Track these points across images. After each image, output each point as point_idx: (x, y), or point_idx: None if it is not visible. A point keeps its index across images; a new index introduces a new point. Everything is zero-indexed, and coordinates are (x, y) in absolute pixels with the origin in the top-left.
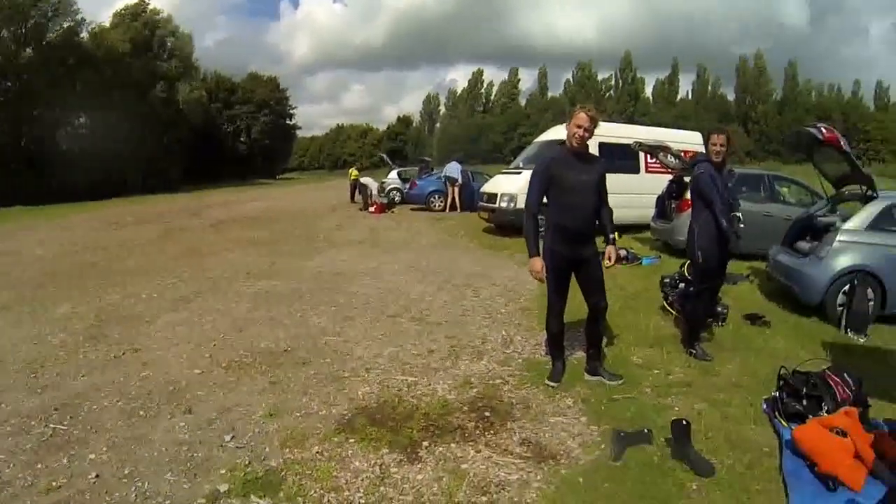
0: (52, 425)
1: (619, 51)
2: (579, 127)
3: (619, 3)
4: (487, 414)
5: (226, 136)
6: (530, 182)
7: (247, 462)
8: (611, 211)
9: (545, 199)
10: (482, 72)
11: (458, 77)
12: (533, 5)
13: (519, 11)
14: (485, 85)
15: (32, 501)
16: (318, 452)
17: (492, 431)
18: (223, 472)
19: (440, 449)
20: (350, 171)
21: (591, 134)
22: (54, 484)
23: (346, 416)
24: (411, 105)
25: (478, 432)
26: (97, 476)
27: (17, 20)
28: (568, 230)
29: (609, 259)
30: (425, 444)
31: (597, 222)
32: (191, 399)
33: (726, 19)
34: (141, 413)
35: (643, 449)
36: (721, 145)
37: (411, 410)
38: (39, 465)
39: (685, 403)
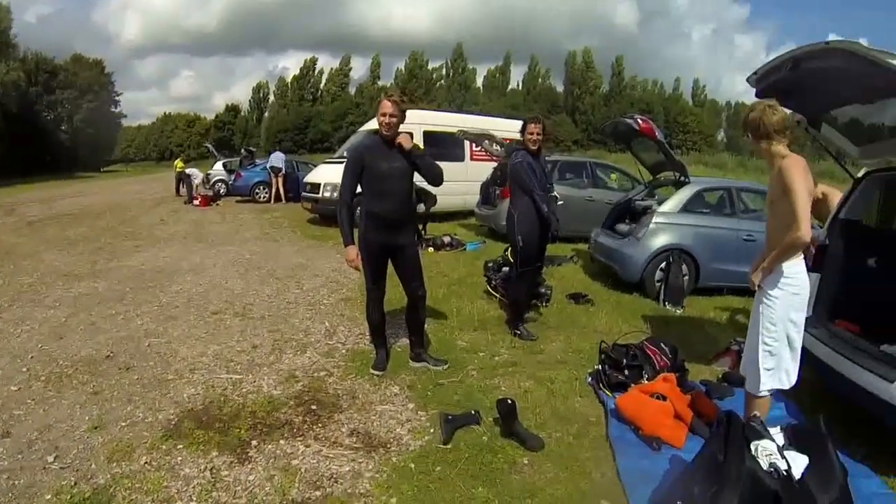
0: None
1: (454, 41)
2: (384, 115)
3: None
4: (314, 407)
5: (46, 123)
6: (343, 171)
7: (73, 483)
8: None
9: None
10: (315, 59)
11: (291, 65)
12: None
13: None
14: (316, 73)
15: None
16: (146, 463)
17: (320, 424)
18: (48, 497)
19: (269, 447)
20: (175, 162)
21: (400, 120)
22: None
23: (172, 421)
24: (240, 93)
25: (306, 426)
26: None
27: None
28: (382, 217)
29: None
30: (254, 443)
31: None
32: (7, 420)
33: (560, 16)
34: None
35: (472, 430)
36: (537, 134)
37: (238, 409)
38: None
39: (512, 383)
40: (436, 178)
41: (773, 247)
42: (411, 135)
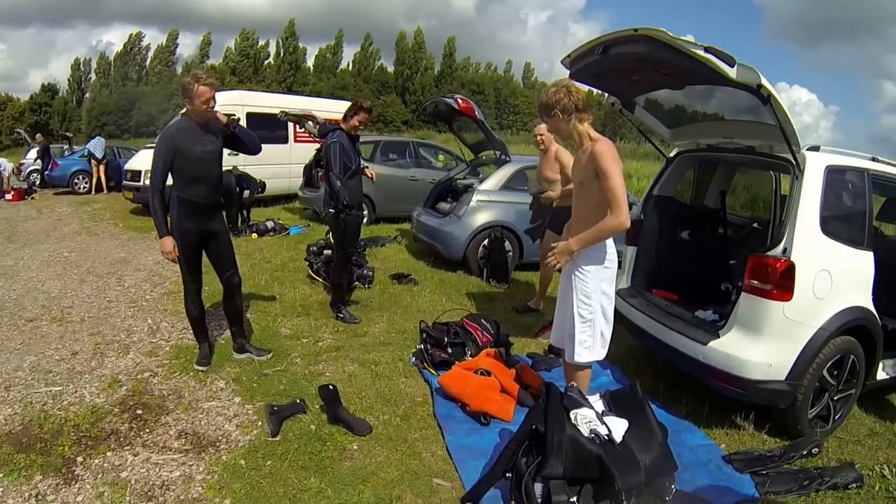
0: None
1: (284, 20)
2: (206, 101)
3: None
4: (140, 412)
5: None
6: (154, 157)
7: None
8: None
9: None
10: (140, 34)
11: (116, 40)
12: None
13: None
14: (141, 49)
15: None
16: None
17: (147, 430)
18: None
19: (96, 461)
20: (38, 136)
21: (216, 102)
22: None
23: None
24: (60, 71)
25: (133, 434)
26: None
27: None
28: (195, 203)
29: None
30: (80, 459)
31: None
32: None
33: None
34: None
35: (300, 419)
36: (362, 124)
37: (60, 425)
38: None
39: (336, 368)
40: (256, 146)
41: (584, 226)
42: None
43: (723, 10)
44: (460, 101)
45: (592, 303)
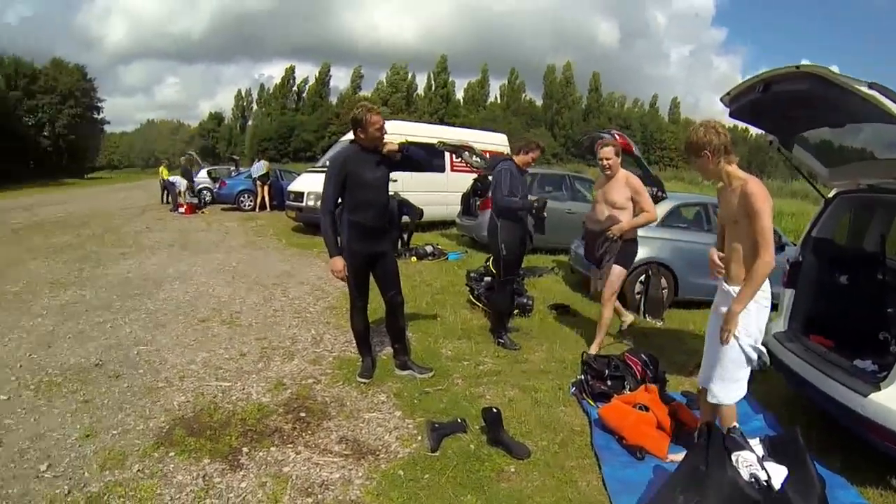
0: None
1: (436, 54)
2: (379, 128)
3: (440, 9)
4: (303, 414)
5: (26, 129)
6: (325, 181)
7: (66, 491)
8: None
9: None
10: (294, 68)
11: (276, 73)
12: (355, 4)
13: (340, 9)
14: (297, 82)
15: None
16: (139, 471)
17: (309, 432)
18: None
19: (260, 454)
20: (160, 169)
21: (386, 130)
22: None
23: (164, 429)
24: (226, 101)
25: (296, 433)
26: None
27: None
28: (365, 226)
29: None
30: (245, 450)
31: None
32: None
33: (542, 31)
34: None
35: (459, 438)
36: (534, 161)
37: (228, 417)
38: None
39: (496, 391)
40: (427, 163)
41: (739, 265)
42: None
43: (871, 39)
44: (617, 135)
45: (749, 341)
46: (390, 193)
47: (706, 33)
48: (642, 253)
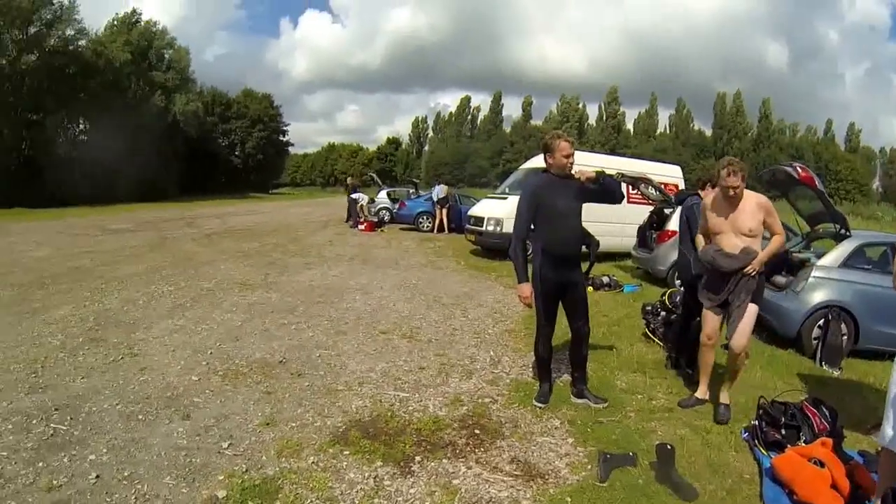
0: (52, 425)
1: (604, 84)
2: (567, 155)
3: (607, 38)
4: (477, 431)
5: (220, 149)
6: (518, 208)
7: (244, 469)
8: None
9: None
10: (469, 98)
11: (450, 102)
12: (525, 35)
13: (511, 40)
14: (472, 110)
15: (34, 499)
16: (313, 463)
17: (482, 449)
18: (221, 478)
19: (432, 464)
20: (349, 181)
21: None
22: (55, 483)
23: (340, 429)
24: (403, 127)
25: (468, 449)
26: (97, 477)
27: (18, 25)
28: (556, 255)
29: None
30: (418, 458)
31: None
32: (188, 405)
33: (709, 57)
34: (140, 417)
35: (628, 471)
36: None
37: (404, 425)
38: (41, 464)
39: (668, 428)
40: (620, 195)
41: None
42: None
43: None
44: (800, 170)
45: None
46: None
47: (883, 48)
48: (821, 296)
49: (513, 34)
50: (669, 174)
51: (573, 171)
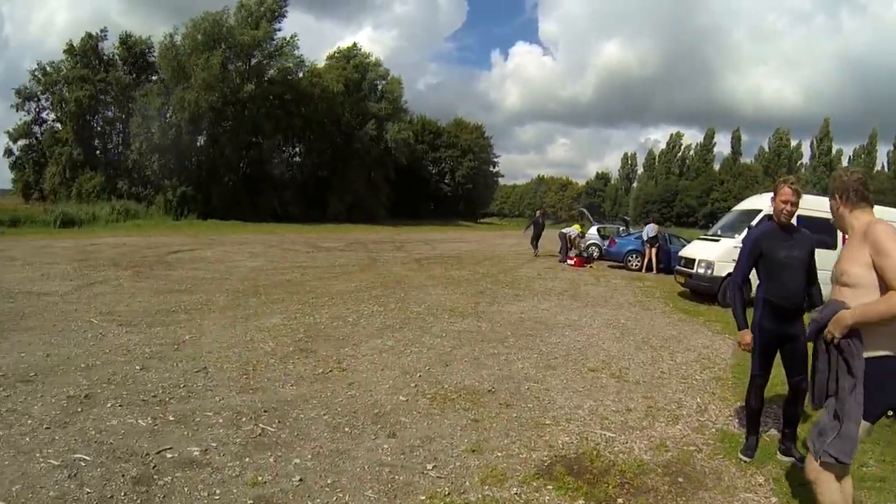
0: (261, 425)
1: (821, 116)
2: (786, 202)
3: (824, 67)
4: (681, 480)
5: (430, 176)
6: (739, 255)
7: (446, 492)
8: (819, 288)
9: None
10: (681, 135)
11: (660, 137)
12: (737, 67)
13: (723, 73)
14: (682, 147)
15: (238, 491)
16: (516, 493)
17: (684, 498)
18: (423, 498)
19: None
20: (538, 212)
21: (797, 207)
22: (259, 479)
23: (545, 463)
24: (612, 162)
25: (670, 497)
26: (301, 480)
27: (242, 58)
28: (778, 306)
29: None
30: (620, 500)
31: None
32: (395, 424)
33: None
34: (346, 429)
35: None
36: None
37: (608, 466)
38: (247, 459)
39: (878, 499)
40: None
41: None
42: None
43: None
44: None
45: None
46: None
47: None
48: None
49: (725, 67)
50: (888, 217)
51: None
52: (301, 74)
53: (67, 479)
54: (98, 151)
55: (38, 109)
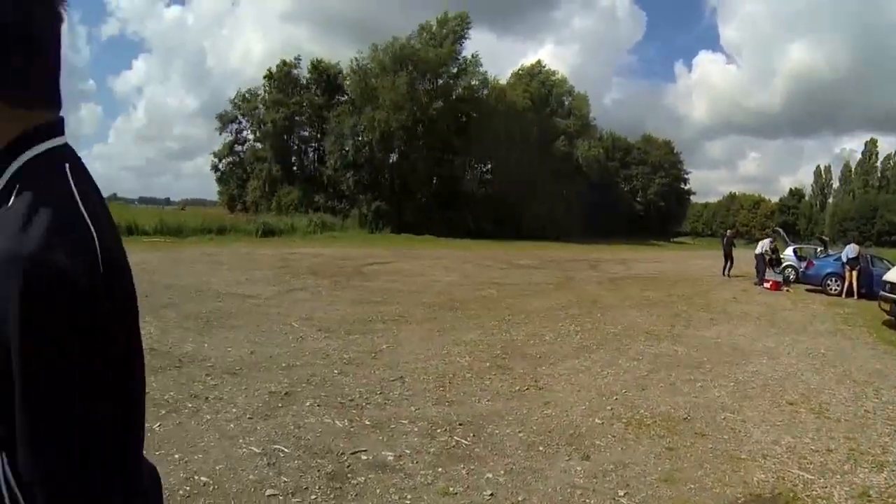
0: (455, 437)
1: None
2: None
3: None
4: None
5: (621, 194)
6: None
7: None
8: None
9: None
10: (875, 142)
11: (855, 146)
12: None
13: None
14: (880, 157)
15: (429, 498)
16: None
17: None
18: None
19: None
20: (728, 231)
21: None
22: (451, 489)
23: (739, 500)
24: (805, 176)
25: None
26: (492, 495)
27: (428, 78)
28: None
29: None
30: None
31: None
32: (589, 446)
33: None
34: (540, 448)
35: None
36: None
37: None
38: (440, 469)
39: None
40: None
41: None
42: None
43: None
44: None
45: None
46: None
47: None
48: None
49: None
50: None
51: None
52: (486, 92)
53: (266, 465)
54: (295, 167)
55: (238, 131)
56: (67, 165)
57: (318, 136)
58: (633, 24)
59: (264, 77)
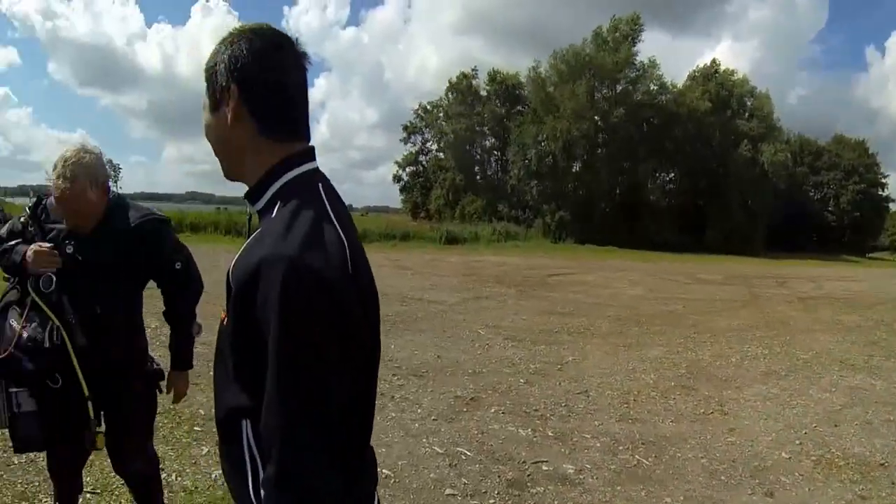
0: (637, 456)
1: None
2: None
3: None
4: None
5: (811, 203)
6: None
7: None
8: None
9: None
10: None
11: None
12: None
13: None
14: None
15: None
16: None
17: None
18: None
19: None
20: None
21: None
22: None
23: None
24: None
25: None
26: None
27: (608, 84)
28: None
29: None
30: None
31: None
32: (774, 482)
33: None
34: (722, 478)
35: None
36: None
37: None
38: (619, 488)
39: None
40: None
41: None
42: None
43: None
44: None
45: None
46: None
47: None
48: None
49: None
50: None
51: None
52: (665, 96)
53: (448, 466)
54: (478, 177)
55: (423, 141)
56: (320, 184)
57: (501, 145)
58: (813, 10)
59: (447, 89)
